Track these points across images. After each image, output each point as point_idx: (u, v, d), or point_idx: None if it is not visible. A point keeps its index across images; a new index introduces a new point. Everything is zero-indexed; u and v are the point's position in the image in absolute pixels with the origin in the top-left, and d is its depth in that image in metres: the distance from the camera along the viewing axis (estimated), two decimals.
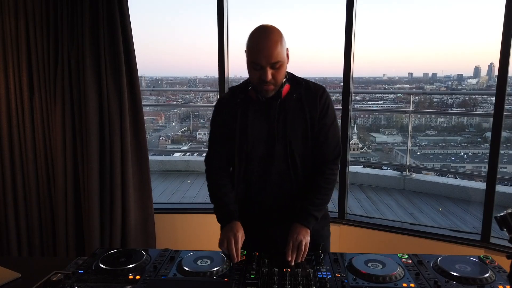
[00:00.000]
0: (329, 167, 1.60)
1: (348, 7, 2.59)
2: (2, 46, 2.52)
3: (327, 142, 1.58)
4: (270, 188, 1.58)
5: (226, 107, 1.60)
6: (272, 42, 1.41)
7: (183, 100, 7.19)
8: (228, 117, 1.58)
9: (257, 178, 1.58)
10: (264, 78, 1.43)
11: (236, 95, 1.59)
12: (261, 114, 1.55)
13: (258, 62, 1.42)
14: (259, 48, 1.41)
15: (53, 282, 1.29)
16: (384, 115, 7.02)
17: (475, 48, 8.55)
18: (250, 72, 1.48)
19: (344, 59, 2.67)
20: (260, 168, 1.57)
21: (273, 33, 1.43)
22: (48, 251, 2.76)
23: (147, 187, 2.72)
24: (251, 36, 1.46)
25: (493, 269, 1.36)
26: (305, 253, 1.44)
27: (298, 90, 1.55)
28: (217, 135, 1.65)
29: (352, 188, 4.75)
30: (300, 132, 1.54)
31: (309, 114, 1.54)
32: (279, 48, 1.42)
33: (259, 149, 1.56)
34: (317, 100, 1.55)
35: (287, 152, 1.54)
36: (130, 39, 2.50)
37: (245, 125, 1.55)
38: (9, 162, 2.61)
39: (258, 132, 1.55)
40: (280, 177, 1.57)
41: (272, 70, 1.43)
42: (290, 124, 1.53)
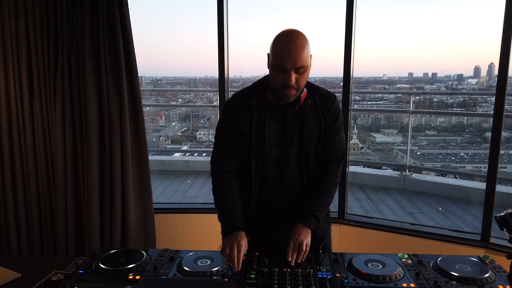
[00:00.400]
0: (333, 168, 1.62)
1: (348, 7, 2.59)
2: (2, 46, 2.51)
3: (333, 145, 1.60)
4: (282, 192, 1.59)
5: (240, 108, 1.55)
6: (299, 46, 1.40)
7: (183, 100, 7.19)
8: (242, 119, 1.54)
9: (271, 182, 1.58)
10: (287, 81, 1.42)
11: (251, 96, 1.55)
12: (277, 118, 1.54)
13: (283, 65, 1.41)
14: (285, 51, 1.40)
15: (53, 282, 1.29)
16: (384, 115, 7.02)
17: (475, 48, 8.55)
18: (273, 75, 1.46)
19: (344, 59, 2.67)
20: (274, 172, 1.57)
21: (300, 37, 1.42)
22: (48, 251, 2.76)
23: (147, 187, 2.72)
24: (277, 39, 1.44)
25: (493, 269, 1.36)
26: (306, 253, 1.44)
27: (313, 96, 1.56)
28: (228, 136, 1.57)
29: (352, 188, 4.75)
30: (315, 138, 1.56)
31: (323, 120, 1.55)
32: (305, 53, 1.41)
33: (275, 153, 1.55)
34: (330, 106, 1.57)
35: (301, 157, 1.55)
36: (130, 39, 2.50)
37: (262, 128, 1.53)
38: (9, 162, 2.61)
39: (274, 136, 1.54)
40: (293, 181, 1.58)
41: (296, 74, 1.42)
42: (306, 129, 1.54)
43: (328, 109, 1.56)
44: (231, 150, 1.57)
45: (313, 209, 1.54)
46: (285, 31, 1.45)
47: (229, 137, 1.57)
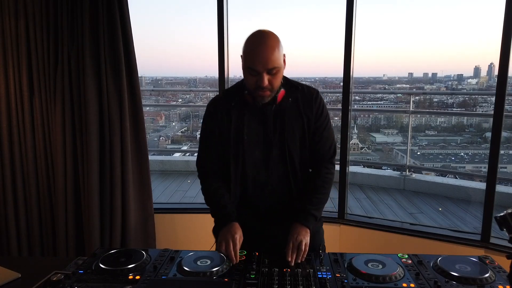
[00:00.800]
0: (325, 166, 1.62)
1: (348, 7, 2.59)
2: (2, 46, 2.52)
3: (321, 142, 1.59)
4: (268, 192, 1.59)
5: (219, 110, 1.57)
6: (269, 48, 1.39)
7: (183, 100, 7.19)
8: (222, 120, 1.55)
9: (253, 182, 1.58)
10: (260, 84, 1.41)
11: (230, 98, 1.56)
12: (257, 118, 1.54)
13: (254, 68, 1.40)
14: (256, 54, 1.40)
15: (53, 282, 1.29)
16: (384, 115, 7.02)
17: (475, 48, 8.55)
18: (246, 77, 1.46)
19: (344, 59, 2.67)
20: (256, 172, 1.57)
21: (270, 38, 1.41)
22: (48, 251, 2.76)
23: (147, 187, 2.72)
24: (247, 41, 1.44)
25: (493, 269, 1.36)
26: (305, 253, 1.44)
27: (294, 94, 1.55)
28: (210, 138, 1.60)
29: (352, 188, 4.75)
30: (298, 136, 1.55)
31: (305, 117, 1.55)
32: (276, 53, 1.40)
33: (255, 154, 1.55)
34: (312, 102, 1.56)
35: (285, 156, 1.55)
36: (130, 39, 2.50)
37: (241, 129, 1.53)
38: (9, 162, 2.61)
39: (254, 136, 1.54)
40: (279, 181, 1.58)
41: (269, 76, 1.42)
42: (288, 128, 1.53)
43: (310, 106, 1.55)
44: (214, 152, 1.60)
45: (310, 208, 1.54)
46: (255, 33, 1.44)
47: (211, 139, 1.59)
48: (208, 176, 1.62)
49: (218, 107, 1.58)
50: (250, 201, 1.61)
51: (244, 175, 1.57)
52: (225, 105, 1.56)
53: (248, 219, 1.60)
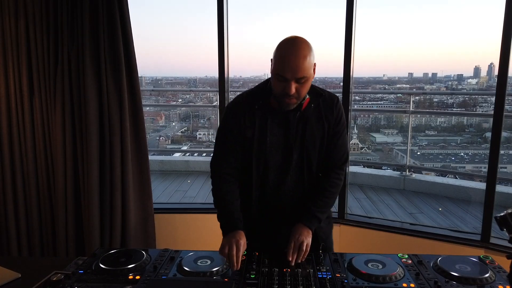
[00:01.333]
0: (336, 171, 1.62)
1: (348, 7, 2.59)
2: (2, 46, 2.51)
3: (336, 148, 1.59)
4: (284, 195, 1.59)
5: (242, 111, 1.54)
6: (300, 56, 1.37)
7: (183, 100, 7.19)
8: (244, 122, 1.53)
9: (273, 185, 1.58)
10: (288, 91, 1.40)
11: (254, 100, 1.54)
12: (279, 122, 1.53)
13: (283, 75, 1.39)
14: (286, 61, 1.38)
15: (53, 282, 1.29)
16: (384, 115, 7.01)
17: (475, 48, 8.55)
18: (274, 83, 1.45)
19: (344, 59, 2.67)
20: (276, 176, 1.57)
21: (303, 46, 1.39)
22: (48, 251, 2.76)
23: (147, 187, 2.72)
24: (280, 46, 1.42)
25: (493, 269, 1.36)
26: (306, 253, 1.44)
27: (317, 101, 1.55)
28: (228, 138, 1.57)
29: (352, 188, 4.75)
30: (318, 142, 1.55)
31: (327, 123, 1.55)
32: (307, 63, 1.38)
33: (276, 158, 1.55)
34: (333, 109, 1.56)
35: (303, 161, 1.55)
36: (130, 39, 2.50)
37: (264, 132, 1.52)
38: (9, 162, 2.61)
39: (276, 141, 1.54)
40: (295, 184, 1.58)
41: (297, 84, 1.40)
42: (309, 134, 1.53)
43: (331, 112, 1.56)
44: (232, 154, 1.57)
45: (315, 210, 1.55)
46: (288, 39, 1.42)
47: (231, 141, 1.56)
48: (221, 178, 1.59)
49: (241, 108, 1.55)
50: (267, 203, 1.61)
51: (263, 179, 1.57)
52: (248, 107, 1.54)
53: (260, 219, 1.61)
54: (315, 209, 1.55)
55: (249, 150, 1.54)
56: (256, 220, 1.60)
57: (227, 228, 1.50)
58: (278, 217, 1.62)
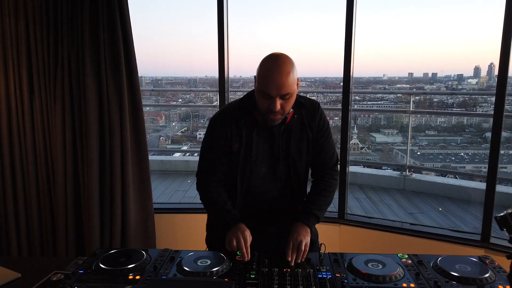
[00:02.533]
0: (329, 173, 1.66)
1: (348, 7, 2.59)
2: (2, 46, 2.51)
3: (324, 151, 1.63)
4: (269, 202, 1.63)
5: (227, 125, 1.56)
6: (284, 74, 1.39)
7: (183, 100, 7.19)
8: (230, 136, 1.55)
9: (257, 195, 1.62)
10: (272, 108, 1.42)
11: (241, 115, 1.56)
12: (264, 135, 1.57)
13: (268, 92, 1.41)
14: (270, 78, 1.40)
15: (53, 282, 1.29)
16: (384, 115, 7.02)
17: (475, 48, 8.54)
18: (259, 100, 1.47)
19: (344, 59, 2.67)
20: (262, 187, 1.61)
21: (285, 63, 1.41)
22: (48, 251, 2.76)
23: (147, 187, 2.72)
24: (262, 64, 1.44)
25: (493, 269, 1.36)
26: (305, 253, 1.44)
27: (299, 111, 1.57)
28: (214, 151, 1.60)
29: (352, 188, 4.75)
30: (304, 150, 1.59)
31: (310, 132, 1.58)
32: (290, 79, 1.40)
33: (262, 169, 1.59)
34: (315, 115, 1.59)
35: (290, 170, 1.58)
36: (130, 39, 2.50)
37: (249, 146, 1.55)
38: (9, 162, 2.61)
39: (261, 153, 1.57)
40: (283, 192, 1.62)
41: (281, 100, 1.42)
42: (293, 144, 1.56)
43: (314, 120, 1.59)
44: (217, 164, 1.60)
45: (313, 208, 1.56)
46: (271, 56, 1.44)
47: (217, 152, 1.59)
48: (209, 185, 1.62)
49: (227, 122, 1.56)
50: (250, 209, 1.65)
51: (248, 189, 1.61)
52: (234, 120, 1.56)
53: (249, 220, 1.61)
54: (313, 207, 1.56)
55: (235, 163, 1.57)
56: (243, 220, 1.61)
57: (229, 223, 1.53)
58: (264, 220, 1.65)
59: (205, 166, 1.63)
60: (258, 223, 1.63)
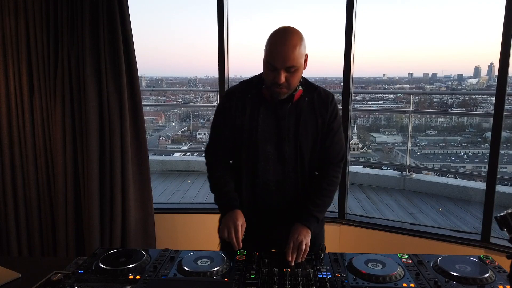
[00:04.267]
0: (333, 169, 1.62)
1: (348, 6, 2.59)
2: (2, 46, 2.51)
3: (332, 146, 1.60)
4: (275, 188, 1.59)
5: (234, 100, 1.56)
6: (290, 46, 1.39)
7: (183, 100, 7.19)
8: (236, 110, 1.55)
9: (263, 177, 1.58)
10: (277, 80, 1.42)
11: (247, 89, 1.57)
12: (272, 113, 1.54)
13: (273, 64, 1.41)
14: (275, 50, 1.40)
15: (53, 282, 1.29)
16: (384, 115, 7.02)
17: (475, 48, 8.55)
18: (265, 72, 1.47)
19: (344, 59, 2.67)
20: (266, 167, 1.57)
21: (293, 37, 1.41)
22: (48, 251, 2.76)
23: (147, 187, 2.72)
24: (271, 36, 1.44)
25: (493, 269, 1.36)
26: (306, 253, 1.44)
27: (310, 94, 1.56)
28: (222, 126, 1.60)
29: (352, 188, 4.75)
30: (310, 135, 1.55)
31: (320, 119, 1.55)
32: (296, 52, 1.40)
33: (267, 148, 1.55)
34: (328, 105, 1.57)
35: (297, 154, 1.55)
36: (130, 39, 2.50)
37: (255, 121, 1.53)
38: (9, 162, 2.61)
39: (267, 131, 1.54)
40: (287, 179, 1.58)
41: (287, 73, 1.42)
42: (302, 126, 1.53)
43: (326, 109, 1.56)
44: (223, 140, 1.61)
45: (313, 209, 1.55)
46: (280, 29, 1.44)
47: (222, 128, 1.61)
48: (215, 163, 1.64)
49: (233, 97, 1.57)
50: (257, 200, 1.60)
51: (254, 169, 1.57)
52: (240, 96, 1.56)
53: (254, 217, 1.60)
54: (313, 209, 1.55)
55: (239, 139, 1.55)
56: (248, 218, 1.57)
57: (225, 208, 1.54)
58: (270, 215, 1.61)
59: (211, 141, 1.66)
60: (264, 222, 1.61)
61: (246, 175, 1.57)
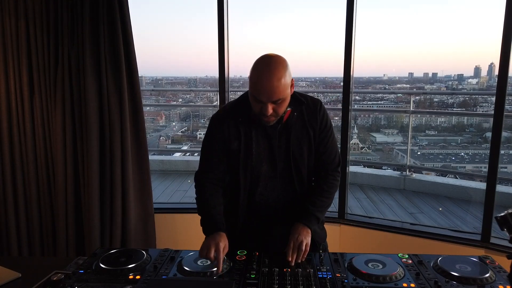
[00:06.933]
0: (331, 174, 1.64)
1: (348, 7, 2.59)
2: (2, 46, 2.51)
3: (327, 152, 1.61)
4: (273, 203, 1.61)
5: (226, 125, 1.55)
6: (274, 80, 1.36)
7: (183, 100, 7.19)
8: (229, 135, 1.54)
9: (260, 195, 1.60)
10: (264, 112, 1.41)
11: (237, 114, 1.55)
12: (263, 134, 1.55)
13: (258, 98, 1.40)
14: (261, 85, 1.37)
15: (53, 282, 1.29)
16: (384, 115, 7.01)
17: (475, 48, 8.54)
18: (252, 102, 1.45)
19: (344, 59, 2.67)
20: (264, 186, 1.59)
21: (277, 68, 1.37)
22: (48, 251, 2.76)
23: (147, 187, 2.72)
24: (254, 67, 1.41)
25: (493, 269, 1.36)
26: (306, 253, 1.44)
27: (299, 108, 1.55)
28: (214, 150, 1.58)
29: (352, 188, 4.75)
30: (306, 149, 1.56)
31: (311, 130, 1.56)
32: (282, 86, 1.37)
33: (263, 168, 1.57)
34: (317, 114, 1.57)
35: (291, 170, 1.56)
36: (130, 39, 2.50)
37: (249, 144, 1.54)
38: (9, 162, 2.61)
39: (261, 151, 1.56)
40: (285, 191, 1.60)
41: (274, 105, 1.41)
42: (294, 143, 1.54)
43: (315, 119, 1.56)
44: (216, 163, 1.59)
45: (313, 209, 1.55)
46: (262, 60, 1.41)
47: (215, 151, 1.58)
48: (205, 185, 1.59)
49: (225, 122, 1.55)
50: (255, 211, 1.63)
51: (252, 188, 1.59)
52: (233, 119, 1.55)
53: (252, 220, 1.62)
54: (313, 209, 1.55)
55: (236, 162, 1.55)
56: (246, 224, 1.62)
57: (208, 230, 1.49)
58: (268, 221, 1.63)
59: (202, 164, 1.63)
60: (263, 226, 1.62)
61: (244, 193, 1.59)
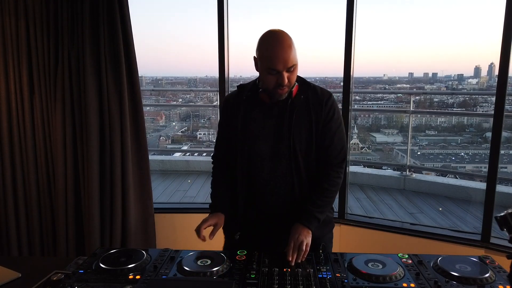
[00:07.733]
0: (335, 170, 1.61)
1: (349, 6, 2.59)
2: (2, 46, 2.52)
3: (332, 146, 1.59)
4: (271, 188, 1.58)
5: (231, 106, 1.63)
6: (287, 47, 1.44)
7: (183, 100, 7.19)
8: (231, 113, 1.61)
9: (258, 177, 1.58)
10: (281, 82, 1.46)
11: (242, 93, 1.61)
12: (267, 113, 1.57)
13: (275, 68, 1.45)
14: (275, 55, 1.44)
15: (53, 282, 1.29)
16: (384, 115, 7.01)
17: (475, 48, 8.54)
18: (265, 77, 1.49)
19: (344, 59, 2.67)
20: (261, 167, 1.57)
21: (286, 37, 1.46)
22: (48, 251, 2.76)
23: (147, 187, 2.72)
24: (264, 42, 1.48)
25: (493, 269, 1.36)
26: (306, 253, 1.44)
27: (306, 92, 1.58)
28: (221, 130, 1.69)
29: (352, 188, 4.75)
30: (304, 133, 1.55)
31: (314, 117, 1.55)
32: (293, 51, 1.46)
33: (263, 148, 1.56)
34: (323, 104, 1.57)
35: (290, 151, 1.54)
36: (130, 39, 2.50)
37: (247, 122, 1.56)
38: (9, 162, 2.61)
39: (262, 130, 1.56)
40: (282, 178, 1.57)
41: (288, 73, 1.47)
42: (295, 123, 1.54)
43: (320, 107, 1.56)
44: (223, 143, 1.69)
45: (314, 210, 1.54)
46: (269, 34, 1.48)
47: (222, 131, 1.69)
48: (215, 164, 1.73)
49: (230, 101, 1.65)
50: (255, 199, 1.61)
51: (250, 169, 1.59)
52: (236, 98, 1.62)
53: (252, 218, 1.61)
54: (314, 209, 1.54)
55: (235, 140, 1.59)
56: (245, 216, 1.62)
57: (210, 210, 1.65)
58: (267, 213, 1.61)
59: (215, 144, 1.75)
60: (261, 220, 1.61)
61: (241, 174, 1.59)
